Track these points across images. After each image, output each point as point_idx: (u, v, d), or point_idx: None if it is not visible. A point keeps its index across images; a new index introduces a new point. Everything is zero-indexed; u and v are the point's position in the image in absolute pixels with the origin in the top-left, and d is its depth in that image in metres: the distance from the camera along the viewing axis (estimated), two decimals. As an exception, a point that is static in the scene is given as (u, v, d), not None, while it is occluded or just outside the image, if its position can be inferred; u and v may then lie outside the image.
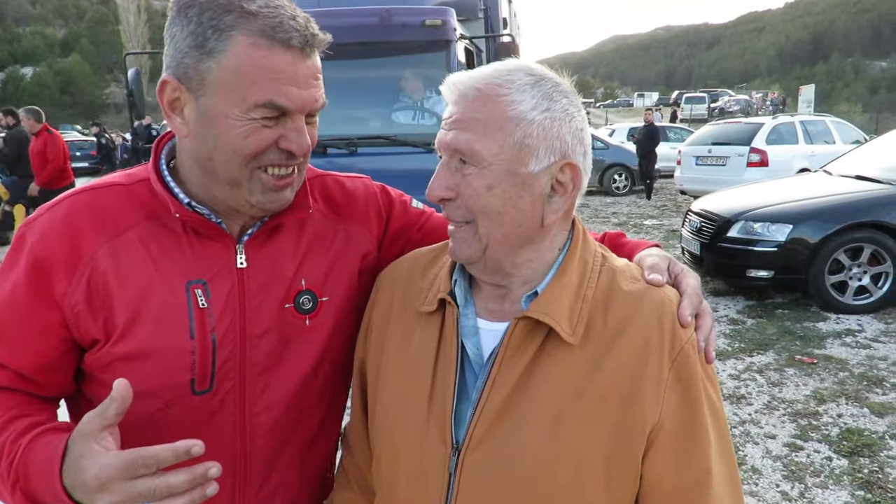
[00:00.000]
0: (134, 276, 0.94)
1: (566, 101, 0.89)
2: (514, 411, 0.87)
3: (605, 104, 78.56)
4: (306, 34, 0.89)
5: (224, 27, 0.86)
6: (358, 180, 1.20)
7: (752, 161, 11.27)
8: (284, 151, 0.93)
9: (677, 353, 0.87)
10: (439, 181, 0.90)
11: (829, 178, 7.03)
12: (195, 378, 0.96)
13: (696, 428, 0.87)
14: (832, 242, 5.73)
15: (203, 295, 0.96)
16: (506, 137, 0.85)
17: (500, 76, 0.88)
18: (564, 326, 0.87)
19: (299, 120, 0.92)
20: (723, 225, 6.22)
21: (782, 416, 3.98)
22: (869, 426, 3.80)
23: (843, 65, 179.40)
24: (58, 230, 0.93)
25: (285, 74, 0.88)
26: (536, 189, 0.88)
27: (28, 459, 0.87)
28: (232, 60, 0.87)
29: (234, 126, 0.89)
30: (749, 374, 4.63)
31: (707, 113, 40.02)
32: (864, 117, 34.56)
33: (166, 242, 0.96)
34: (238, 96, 0.88)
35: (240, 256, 1.00)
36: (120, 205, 0.96)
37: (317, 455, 1.13)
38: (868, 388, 4.32)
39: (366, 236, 1.15)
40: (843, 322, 5.61)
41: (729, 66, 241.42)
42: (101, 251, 0.93)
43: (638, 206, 13.75)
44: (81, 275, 0.92)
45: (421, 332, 0.98)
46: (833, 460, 3.46)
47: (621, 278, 0.93)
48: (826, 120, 13.02)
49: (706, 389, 0.89)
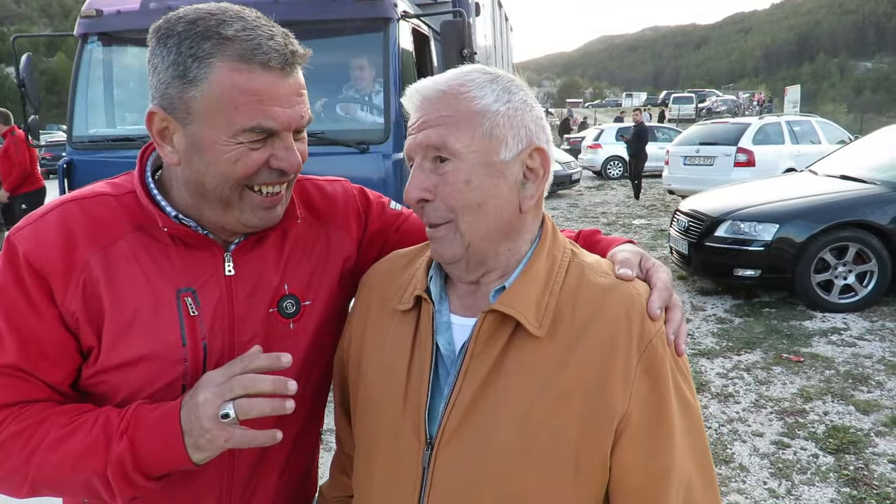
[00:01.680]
0: (125, 286, 0.94)
1: (523, 94, 0.94)
2: (484, 405, 0.89)
3: (593, 104, 78.78)
4: (285, 53, 0.90)
5: (203, 55, 0.87)
6: (337, 183, 1.21)
7: (740, 161, 11.35)
8: (275, 170, 0.94)
9: (645, 346, 0.88)
10: (416, 183, 0.91)
11: (814, 178, 7.09)
12: (186, 385, 0.97)
13: (663, 421, 0.88)
14: (818, 242, 5.78)
15: (193, 303, 0.97)
16: (475, 129, 0.89)
17: (459, 77, 0.92)
18: (531, 319, 0.89)
19: (287, 138, 0.93)
20: (710, 224, 6.26)
21: (769, 414, 4.02)
22: (855, 423, 3.84)
23: (829, 65, 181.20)
24: (52, 238, 0.93)
25: (268, 95, 0.89)
26: (511, 176, 0.91)
27: (142, 412, 0.91)
28: (214, 87, 0.88)
29: (222, 151, 0.90)
30: (737, 373, 4.66)
31: (695, 113, 40.26)
32: (849, 117, 34.89)
33: (155, 252, 0.97)
34: (224, 122, 0.89)
35: (227, 264, 1.01)
36: (110, 215, 0.97)
37: (298, 458, 1.14)
38: (854, 385, 4.36)
39: (346, 240, 1.16)
40: (829, 320, 5.66)
41: (716, 67, 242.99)
42: (93, 259, 0.93)
43: (627, 205, 13.81)
44: (76, 283, 0.92)
45: (396, 329, 1.00)
46: (819, 457, 3.50)
47: (591, 273, 0.95)
48: (812, 120, 13.12)
49: (676, 383, 0.90)
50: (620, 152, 19.05)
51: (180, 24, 0.89)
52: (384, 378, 0.98)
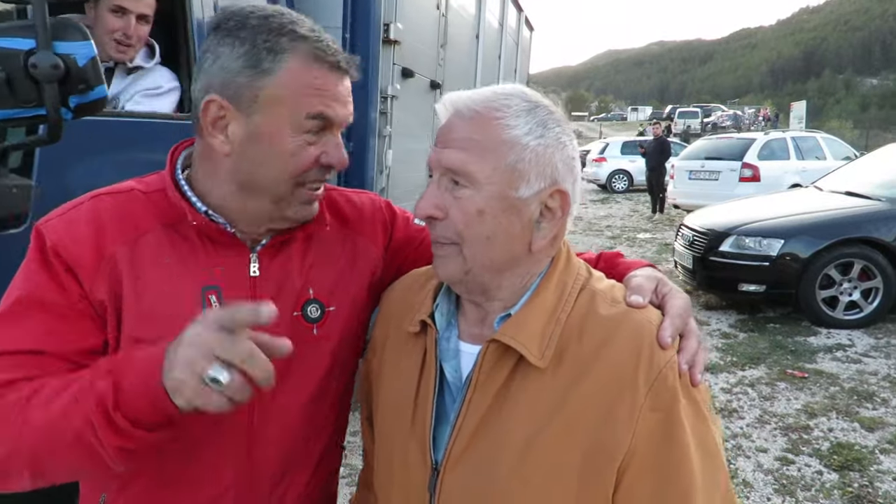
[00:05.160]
0: (149, 281, 0.95)
1: (559, 130, 0.90)
2: (487, 433, 0.88)
3: (598, 118, 79.05)
4: (346, 57, 0.98)
5: (279, 49, 0.93)
6: (364, 195, 1.23)
7: (745, 176, 11.37)
8: (324, 167, 0.99)
9: (654, 378, 0.83)
10: (429, 199, 0.90)
11: (819, 194, 7.10)
12: None
13: (675, 461, 0.83)
14: (823, 258, 5.78)
15: (217, 301, 0.97)
16: (499, 160, 0.86)
17: (498, 99, 0.89)
18: (533, 350, 0.86)
19: (337, 134, 0.99)
20: (715, 239, 6.27)
21: (774, 430, 4.01)
22: (859, 440, 3.83)
23: (835, 81, 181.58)
24: (83, 230, 0.94)
25: (330, 92, 0.95)
26: (526, 214, 0.88)
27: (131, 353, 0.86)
28: (286, 79, 0.93)
29: (285, 141, 0.94)
30: (741, 388, 4.66)
31: (700, 127, 40.31)
32: (855, 133, 34.91)
33: (182, 249, 0.98)
34: (290, 111, 0.94)
35: (253, 265, 1.01)
36: (139, 210, 0.98)
37: (324, 467, 1.13)
38: (859, 402, 4.35)
39: (372, 250, 1.16)
40: (834, 337, 5.65)
41: (722, 82, 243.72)
42: (120, 252, 0.95)
43: (632, 219, 13.83)
44: (104, 274, 0.94)
45: (409, 352, 0.99)
46: (824, 474, 3.49)
47: (601, 301, 0.90)
48: (817, 136, 13.15)
49: (691, 419, 0.84)
50: (625, 166, 19.19)
51: (253, 17, 0.94)
52: (395, 400, 0.98)
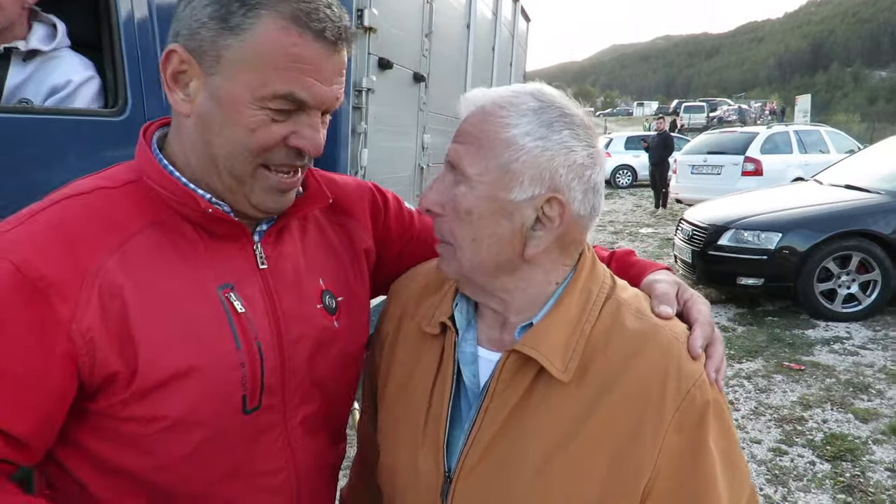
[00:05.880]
0: (156, 288, 0.81)
1: (568, 133, 0.83)
2: (503, 445, 0.85)
3: (604, 113, 78.79)
4: (340, 26, 0.81)
5: (253, 3, 0.78)
6: (347, 176, 1.15)
7: (747, 170, 11.36)
8: (293, 150, 0.84)
9: (684, 395, 0.80)
10: (434, 194, 0.87)
11: (819, 188, 7.10)
12: (246, 395, 0.85)
13: (698, 484, 0.81)
14: (821, 251, 5.79)
15: (237, 300, 0.86)
16: (492, 158, 0.82)
17: (506, 98, 0.85)
18: (556, 363, 0.82)
19: (315, 116, 0.83)
20: (714, 233, 6.29)
21: (768, 422, 4.04)
22: (853, 431, 3.86)
23: (843, 74, 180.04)
24: (48, 244, 0.76)
25: (312, 67, 0.79)
26: (517, 219, 0.83)
27: None
28: (256, 41, 0.78)
29: (242, 114, 0.80)
30: (737, 381, 4.69)
31: (706, 122, 40.15)
32: (862, 127, 34.68)
33: (182, 247, 0.85)
34: (256, 82, 0.79)
35: (259, 257, 0.91)
36: (117, 210, 0.82)
37: (336, 462, 1.07)
38: (854, 394, 4.38)
39: (363, 231, 1.08)
40: (832, 329, 5.67)
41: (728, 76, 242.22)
42: (110, 263, 0.79)
43: (635, 214, 13.83)
44: (89, 293, 0.76)
45: (425, 352, 0.96)
46: (816, 464, 3.52)
47: (626, 312, 0.86)
48: (820, 129, 13.11)
49: (715, 437, 0.82)
50: (629, 161, 19.15)
51: None
52: (407, 401, 0.95)
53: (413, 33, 3.69)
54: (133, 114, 1.91)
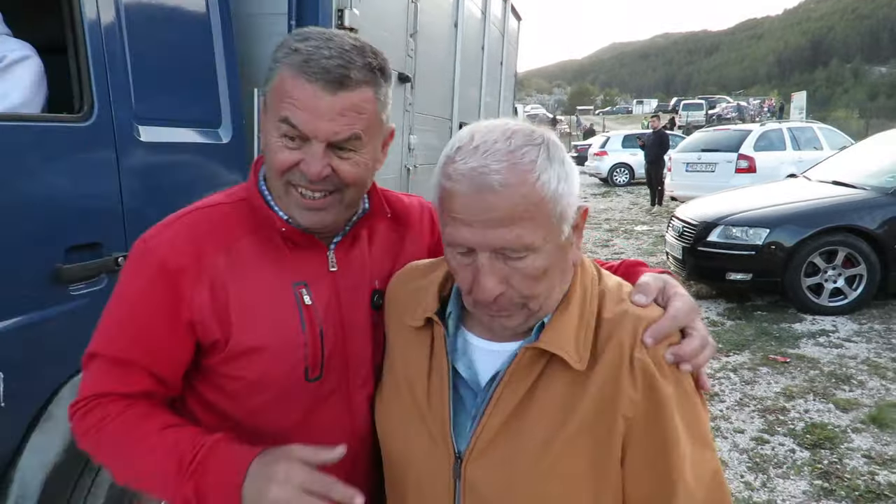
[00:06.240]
0: (248, 282, 1.07)
1: (561, 153, 0.90)
2: (512, 428, 0.93)
3: (604, 111, 78.88)
4: (336, 73, 0.98)
5: (276, 59, 1.03)
6: (413, 197, 1.35)
7: (741, 167, 11.46)
8: (305, 175, 1.02)
9: (640, 368, 0.89)
10: (493, 282, 0.87)
11: (807, 184, 7.21)
12: (308, 367, 1.09)
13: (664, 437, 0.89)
14: (808, 246, 5.90)
15: (307, 294, 1.10)
16: (548, 219, 0.87)
17: (516, 157, 0.85)
18: (573, 355, 0.90)
19: (315, 147, 1.00)
20: (703, 230, 6.39)
21: (752, 412, 4.15)
22: (833, 420, 3.97)
23: (843, 70, 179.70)
24: (183, 243, 1.06)
25: (303, 102, 0.99)
26: (567, 244, 0.92)
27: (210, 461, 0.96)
28: (275, 86, 1.02)
29: (270, 141, 1.04)
30: (724, 373, 4.79)
31: (705, 119, 40.17)
32: (861, 123, 34.69)
33: (270, 252, 1.09)
34: (272, 112, 1.03)
35: (331, 261, 1.13)
36: (228, 221, 1.10)
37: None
38: (836, 385, 4.48)
39: (420, 246, 1.27)
40: (819, 323, 5.78)
41: (728, 73, 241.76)
42: (219, 260, 1.06)
43: (631, 211, 13.93)
44: (205, 281, 1.04)
45: (414, 345, 1.04)
46: (796, 452, 3.63)
47: (609, 300, 0.96)
48: (814, 126, 13.20)
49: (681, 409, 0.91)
50: (626, 159, 19.25)
51: (293, 33, 1.06)
52: (405, 392, 1.03)
53: (397, 33, 3.67)
54: (100, 119, 1.83)
